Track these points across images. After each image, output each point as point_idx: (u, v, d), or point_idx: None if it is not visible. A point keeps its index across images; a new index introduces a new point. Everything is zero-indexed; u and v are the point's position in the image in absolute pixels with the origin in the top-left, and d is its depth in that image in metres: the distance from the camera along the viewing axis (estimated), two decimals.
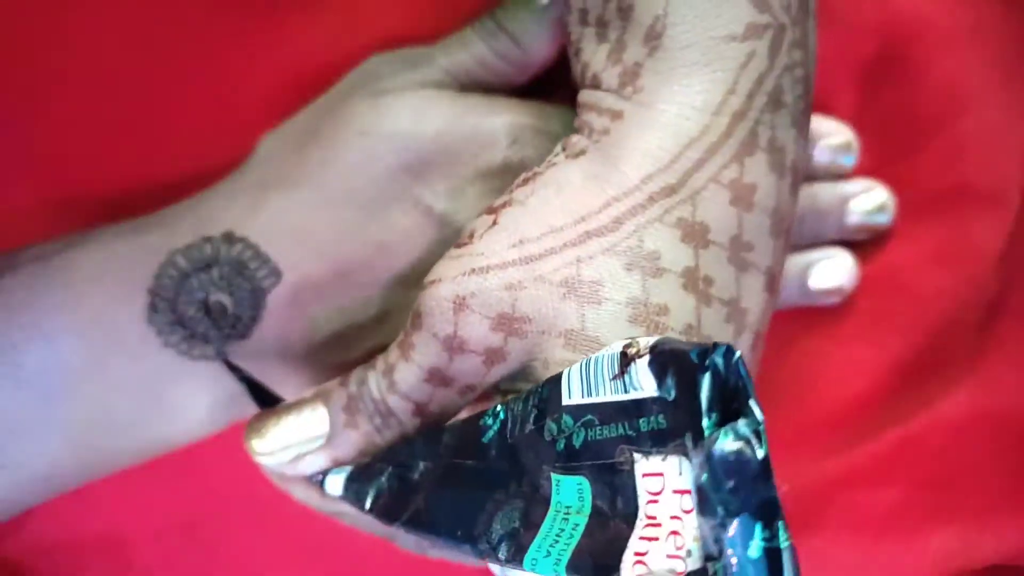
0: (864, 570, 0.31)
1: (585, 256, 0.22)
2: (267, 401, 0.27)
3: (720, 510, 0.17)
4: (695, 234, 0.22)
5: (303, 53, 0.30)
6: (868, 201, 0.33)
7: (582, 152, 0.23)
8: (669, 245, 0.22)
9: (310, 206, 0.28)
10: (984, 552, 0.30)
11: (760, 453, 0.17)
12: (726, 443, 0.17)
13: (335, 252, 0.28)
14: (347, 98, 0.29)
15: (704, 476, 0.17)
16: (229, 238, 0.28)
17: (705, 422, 0.17)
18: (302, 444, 0.26)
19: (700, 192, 0.22)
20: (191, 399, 0.29)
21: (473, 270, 0.23)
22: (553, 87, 0.32)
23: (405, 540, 0.27)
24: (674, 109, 0.22)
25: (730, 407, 0.17)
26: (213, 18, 0.30)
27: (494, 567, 0.25)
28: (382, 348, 0.30)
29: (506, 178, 0.28)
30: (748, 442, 0.17)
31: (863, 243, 0.34)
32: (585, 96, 0.24)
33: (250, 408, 0.30)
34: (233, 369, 0.28)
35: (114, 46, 0.30)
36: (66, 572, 0.33)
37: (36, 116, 0.30)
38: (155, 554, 0.34)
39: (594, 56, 0.24)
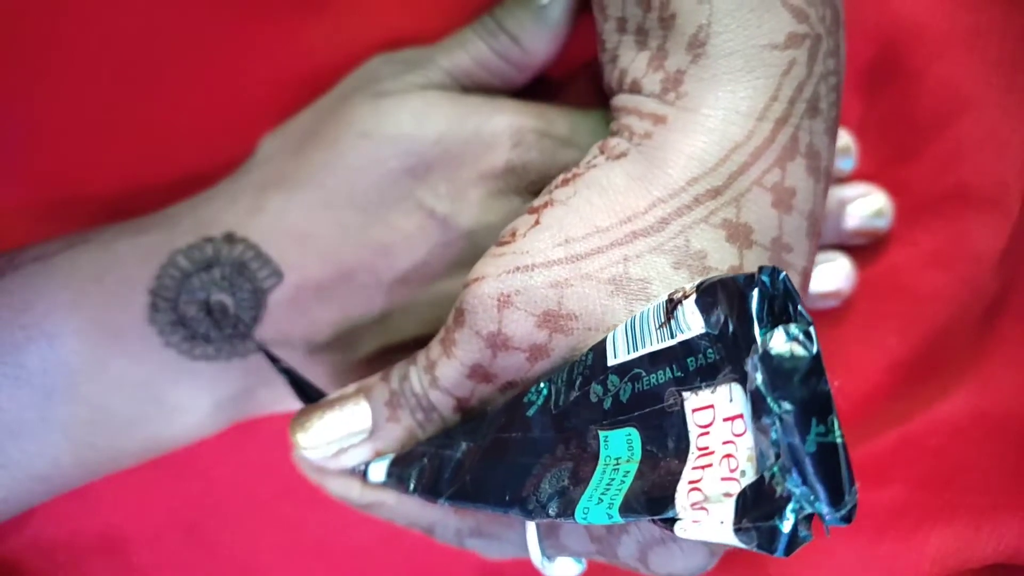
0: (863, 570, 0.31)
1: (632, 255, 0.23)
2: (307, 393, 0.28)
3: (775, 407, 0.17)
4: (739, 235, 0.23)
5: (304, 53, 0.30)
6: (866, 206, 0.33)
7: (623, 154, 0.24)
8: (715, 245, 0.23)
9: (311, 207, 0.28)
10: (983, 552, 0.30)
11: (813, 349, 0.17)
12: (780, 342, 0.17)
13: (336, 253, 0.28)
14: (348, 99, 0.29)
15: (759, 377, 0.17)
16: (230, 238, 0.28)
17: (757, 330, 0.18)
18: (345, 439, 0.26)
19: (744, 195, 0.23)
20: (192, 399, 0.29)
21: (518, 268, 0.23)
22: (554, 88, 0.32)
23: (443, 531, 0.27)
24: (719, 114, 0.23)
25: (780, 318, 0.18)
26: (213, 18, 0.30)
27: (537, 562, 0.25)
28: (384, 349, 0.30)
29: (508, 180, 0.28)
30: (800, 341, 0.17)
31: (862, 246, 0.34)
32: (623, 100, 0.25)
33: (250, 409, 0.30)
34: (273, 361, 0.28)
35: (115, 47, 0.30)
36: (66, 572, 0.33)
37: (37, 116, 0.30)
38: (154, 554, 0.34)
39: (633, 63, 0.24)
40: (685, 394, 0.20)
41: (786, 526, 0.16)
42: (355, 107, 0.28)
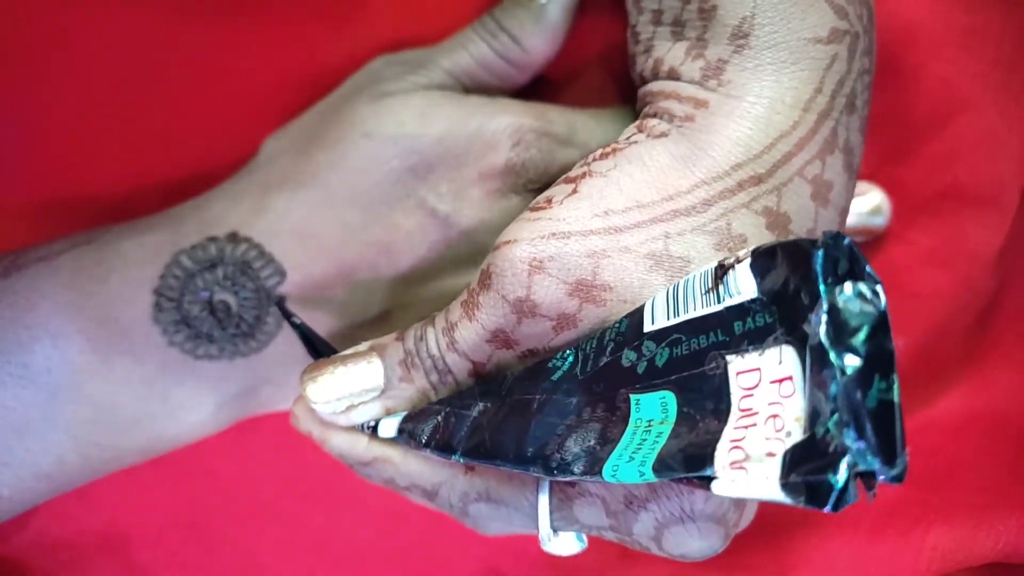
0: (860, 568, 0.31)
1: (674, 232, 0.23)
2: (318, 350, 0.28)
3: (838, 361, 0.17)
4: (778, 223, 0.23)
5: (306, 55, 0.31)
6: (863, 204, 0.33)
7: (664, 134, 0.24)
8: (755, 231, 0.23)
9: (314, 207, 0.28)
10: (980, 550, 0.30)
11: (881, 306, 0.17)
12: (849, 296, 0.17)
13: (339, 252, 0.28)
14: (350, 100, 0.29)
15: (823, 331, 0.17)
16: (234, 238, 0.28)
17: (822, 287, 0.18)
18: (355, 395, 0.26)
19: (786, 184, 0.23)
20: (195, 398, 0.29)
21: (553, 234, 0.23)
22: (554, 89, 0.32)
23: (449, 493, 0.26)
24: (765, 103, 0.23)
25: (843, 278, 0.18)
26: (217, 19, 0.30)
27: (544, 533, 0.25)
28: None
29: (508, 179, 0.29)
30: (868, 297, 0.17)
31: (859, 244, 0.34)
32: (660, 85, 0.25)
33: (253, 408, 0.31)
34: (287, 316, 0.28)
35: (118, 48, 0.30)
36: (68, 571, 0.33)
37: (41, 117, 0.30)
38: (157, 552, 0.34)
39: (669, 52, 0.25)
40: (729, 357, 0.20)
41: (839, 480, 0.16)
42: (357, 107, 0.28)
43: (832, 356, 0.17)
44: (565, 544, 0.25)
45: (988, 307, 0.34)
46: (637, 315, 0.22)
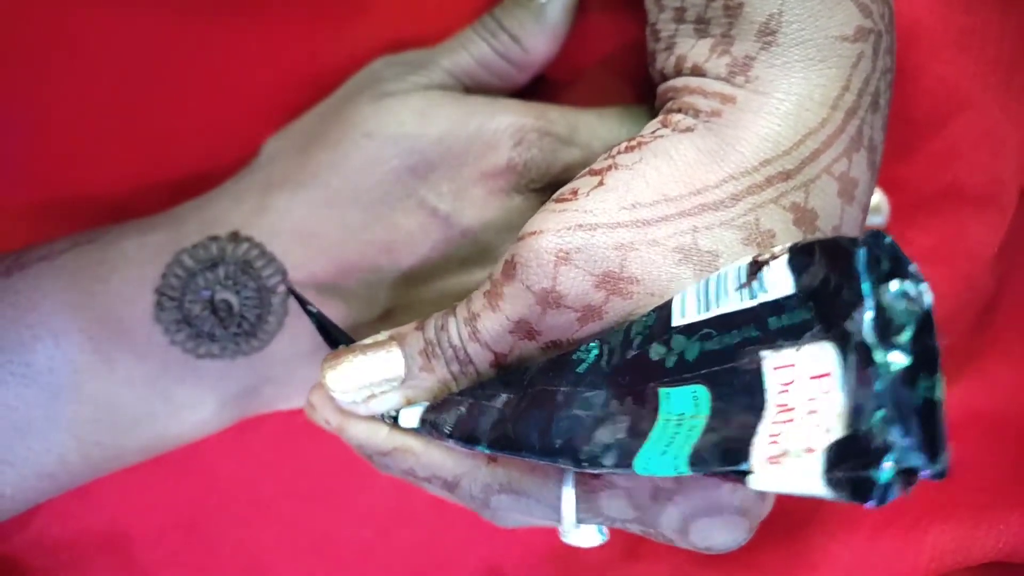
0: (861, 567, 0.32)
1: (702, 226, 0.23)
2: (334, 338, 0.28)
3: (884, 359, 0.17)
4: (805, 220, 0.23)
5: (307, 56, 0.31)
6: None
7: (690, 128, 0.24)
8: (783, 227, 0.23)
9: (315, 207, 0.28)
10: (982, 549, 0.30)
11: (926, 305, 0.17)
12: (895, 295, 0.17)
13: (340, 252, 0.28)
14: (351, 100, 0.29)
15: (867, 329, 0.17)
16: (235, 237, 0.28)
17: (868, 285, 0.18)
18: (376, 384, 0.26)
19: (814, 181, 0.23)
20: (197, 397, 0.29)
21: (580, 225, 0.23)
22: (554, 88, 0.32)
23: (471, 484, 0.26)
24: (794, 99, 0.23)
25: (887, 276, 0.18)
26: (219, 20, 0.30)
27: (569, 524, 0.25)
28: None
29: (509, 178, 0.29)
30: (913, 296, 0.17)
31: None
32: (684, 81, 0.25)
33: (255, 407, 0.31)
34: (302, 304, 0.28)
35: (120, 49, 0.30)
36: (69, 570, 0.33)
37: (43, 117, 0.30)
38: (157, 552, 0.34)
39: (692, 49, 0.25)
40: (764, 353, 0.20)
41: (883, 476, 0.16)
42: (358, 108, 0.28)
43: (878, 354, 0.17)
44: (586, 536, 0.25)
45: (988, 306, 0.34)
46: (665, 309, 0.22)
